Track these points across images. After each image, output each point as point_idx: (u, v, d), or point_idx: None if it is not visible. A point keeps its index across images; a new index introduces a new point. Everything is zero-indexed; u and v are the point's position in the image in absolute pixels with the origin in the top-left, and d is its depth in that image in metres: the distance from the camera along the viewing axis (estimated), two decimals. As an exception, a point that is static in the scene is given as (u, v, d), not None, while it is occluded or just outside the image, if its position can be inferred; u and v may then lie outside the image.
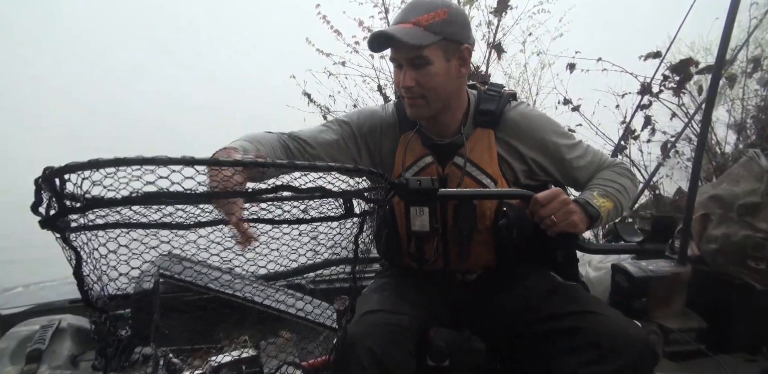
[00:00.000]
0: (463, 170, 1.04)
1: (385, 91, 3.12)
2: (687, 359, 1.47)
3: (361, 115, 1.14)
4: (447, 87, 1.02)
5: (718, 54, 1.53)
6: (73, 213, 0.56)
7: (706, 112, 1.60)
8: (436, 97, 1.01)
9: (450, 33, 0.97)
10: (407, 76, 0.97)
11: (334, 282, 1.89)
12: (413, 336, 0.96)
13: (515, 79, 3.39)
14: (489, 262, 1.10)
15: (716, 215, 1.63)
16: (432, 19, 0.94)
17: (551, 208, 0.89)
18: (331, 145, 1.08)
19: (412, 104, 1.01)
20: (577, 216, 0.90)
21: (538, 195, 0.90)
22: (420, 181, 0.77)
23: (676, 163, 2.88)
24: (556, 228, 0.90)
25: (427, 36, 0.94)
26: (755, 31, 2.41)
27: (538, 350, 0.94)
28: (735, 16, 1.49)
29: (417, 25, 0.94)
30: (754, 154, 1.58)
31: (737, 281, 1.53)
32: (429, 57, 0.96)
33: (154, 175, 0.54)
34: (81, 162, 0.51)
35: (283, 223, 0.66)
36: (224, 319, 1.55)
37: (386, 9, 2.96)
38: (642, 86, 2.47)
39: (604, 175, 1.09)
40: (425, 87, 0.98)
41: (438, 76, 0.98)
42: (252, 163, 0.59)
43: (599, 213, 0.95)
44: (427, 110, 1.02)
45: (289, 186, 0.59)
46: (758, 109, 2.77)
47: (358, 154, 1.12)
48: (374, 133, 1.12)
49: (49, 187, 0.53)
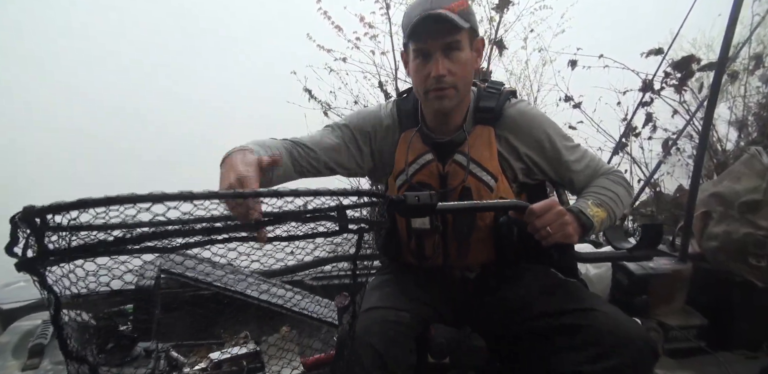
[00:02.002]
0: (467, 169, 1.04)
1: (386, 88, 3.10)
2: (687, 356, 1.47)
3: (359, 117, 1.14)
4: (470, 77, 1.04)
5: (720, 51, 1.53)
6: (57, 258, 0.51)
7: (708, 110, 1.59)
8: (464, 86, 1.02)
9: (473, 22, 1.00)
10: (441, 64, 0.97)
11: (334, 278, 1.90)
12: (414, 333, 0.97)
13: (516, 75, 3.36)
14: (488, 259, 1.10)
15: (717, 212, 1.63)
16: (461, 6, 0.96)
17: (546, 220, 0.88)
18: (334, 149, 1.08)
19: (443, 96, 1.00)
20: (572, 228, 0.90)
21: (533, 205, 0.89)
22: (418, 196, 0.76)
23: (677, 161, 2.87)
24: (550, 239, 0.89)
25: (462, 21, 0.95)
26: (758, 28, 2.39)
27: (538, 347, 0.94)
28: (738, 13, 1.48)
29: (451, 11, 0.94)
30: (756, 151, 1.57)
31: (738, 278, 1.53)
32: (461, 42, 0.97)
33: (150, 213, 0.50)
34: (67, 202, 0.47)
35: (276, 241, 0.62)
36: (225, 315, 1.56)
37: (387, 5, 2.94)
38: (643, 83, 2.46)
39: (599, 182, 1.08)
40: (458, 75, 0.99)
41: (467, 64, 1.00)
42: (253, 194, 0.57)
43: (593, 224, 0.95)
44: (456, 101, 1.02)
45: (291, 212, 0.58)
46: (760, 107, 2.76)
47: (360, 155, 1.12)
48: (374, 133, 1.12)
49: (29, 226, 0.49)
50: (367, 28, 3.02)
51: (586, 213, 0.95)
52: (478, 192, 1.05)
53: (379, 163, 1.14)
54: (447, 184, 1.07)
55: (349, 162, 1.10)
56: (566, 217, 0.89)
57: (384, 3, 2.92)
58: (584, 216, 0.94)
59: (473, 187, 1.05)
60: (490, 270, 1.11)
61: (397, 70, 3.10)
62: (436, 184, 1.07)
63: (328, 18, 3.06)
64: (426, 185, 1.07)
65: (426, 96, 1.02)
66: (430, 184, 1.07)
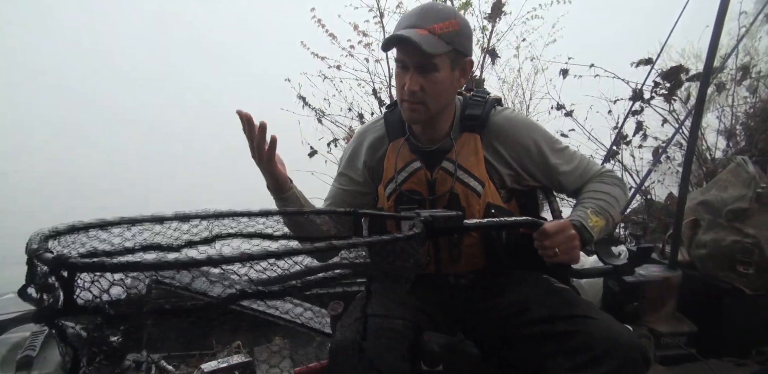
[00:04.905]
0: (454, 176, 1.06)
1: (379, 95, 3.12)
2: (678, 363, 1.48)
3: (347, 158, 1.22)
4: (447, 95, 1.05)
5: (706, 62, 1.56)
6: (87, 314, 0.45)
7: (694, 119, 1.63)
8: (435, 104, 1.03)
9: (459, 44, 1.00)
10: (413, 81, 0.99)
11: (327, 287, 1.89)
12: (407, 341, 0.96)
13: (509, 83, 3.40)
14: (481, 265, 1.10)
15: (706, 220, 1.65)
16: (446, 28, 0.97)
17: (557, 241, 0.90)
18: (349, 195, 1.19)
19: (412, 109, 1.03)
20: (578, 251, 0.92)
21: (547, 226, 0.91)
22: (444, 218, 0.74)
23: (667, 169, 2.90)
24: (556, 259, 0.91)
25: (440, 44, 0.96)
26: (744, 39, 2.45)
27: (530, 353, 0.94)
28: (722, 25, 1.52)
29: (432, 33, 0.96)
30: (742, 160, 1.60)
31: (727, 286, 1.55)
32: (438, 64, 0.98)
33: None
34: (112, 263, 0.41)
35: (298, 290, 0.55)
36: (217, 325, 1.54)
37: (381, 13, 2.97)
38: (634, 92, 2.50)
39: (595, 186, 1.09)
40: (428, 93, 1.01)
41: (442, 83, 1.01)
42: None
43: (592, 238, 0.97)
44: (424, 115, 1.04)
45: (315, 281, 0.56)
46: (747, 116, 2.80)
47: (367, 186, 1.19)
48: (365, 154, 1.17)
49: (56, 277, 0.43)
50: (361, 36, 3.05)
51: (588, 227, 0.96)
52: (466, 197, 1.06)
53: (371, 173, 1.17)
54: (435, 190, 1.08)
55: (355, 198, 1.19)
56: (576, 242, 0.91)
57: (378, 12, 2.95)
58: (587, 233, 0.96)
59: (461, 193, 1.06)
60: (482, 276, 1.12)
61: (391, 78, 3.13)
62: (424, 191, 1.09)
63: (322, 26, 3.08)
64: (415, 192, 1.09)
65: (401, 104, 1.06)
66: (419, 191, 1.09)
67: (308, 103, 3.16)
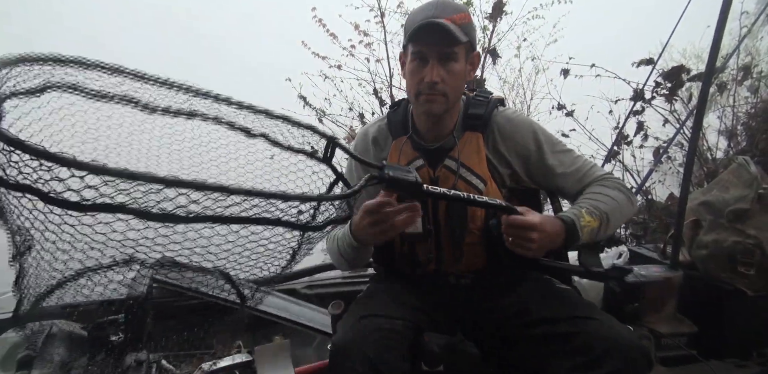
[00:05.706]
0: (457, 173, 1.06)
1: (380, 95, 3.12)
2: (678, 364, 1.48)
3: (350, 171, 1.18)
4: (461, 87, 1.06)
5: (708, 62, 1.56)
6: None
7: (696, 119, 1.62)
8: (453, 95, 1.04)
9: (473, 36, 1.02)
10: (435, 72, 0.99)
11: (328, 286, 1.89)
12: (407, 341, 0.96)
13: (510, 83, 3.40)
14: (482, 265, 1.10)
15: (707, 221, 1.65)
16: (463, 19, 0.99)
17: (510, 232, 0.92)
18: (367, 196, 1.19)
19: (432, 100, 1.03)
20: (535, 245, 0.91)
21: (512, 216, 0.91)
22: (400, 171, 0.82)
23: (668, 169, 2.90)
24: (510, 248, 0.93)
25: (461, 34, 0.97)
26: (745, 39, 2.45)
27: (531, 354, 0.94)
28: (724, 25, 1.51)
29: (453, 23, 0.97)
30: (744, 161, 1.59)
31: (728, 286, 1.54)
32: (458, 54, 1.00)
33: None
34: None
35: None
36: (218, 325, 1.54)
37: (382, 13, 2.97)
38: (635, 92, 2.49)
39: (595, 189, 1.07)
40: (449, 84, 1.01)
41: (460, 74, 1.02)
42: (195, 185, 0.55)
43: (579, 237, 0.95)
44: (444, 107, 1.05)
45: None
46: (748, 116, 2.80)
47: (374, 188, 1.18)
48: (372, 151, 1.16)
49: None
50: (362, 35, 3.05)
51: (578, 225, 0.95)
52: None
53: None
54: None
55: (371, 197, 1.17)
56: (533, 234, 0.90)
57: (379, 12, 2.95)
58: (575, 232, 0.94)
59: (463, 190, 1.05)
60: (483, 276, 1.12)
61: (391, 78, 3.13)
62: None
63: (323, 26, 3.08)
64: None
65: (417, 98, 1.05)
66: None
67: (309, 103, 3.17)
